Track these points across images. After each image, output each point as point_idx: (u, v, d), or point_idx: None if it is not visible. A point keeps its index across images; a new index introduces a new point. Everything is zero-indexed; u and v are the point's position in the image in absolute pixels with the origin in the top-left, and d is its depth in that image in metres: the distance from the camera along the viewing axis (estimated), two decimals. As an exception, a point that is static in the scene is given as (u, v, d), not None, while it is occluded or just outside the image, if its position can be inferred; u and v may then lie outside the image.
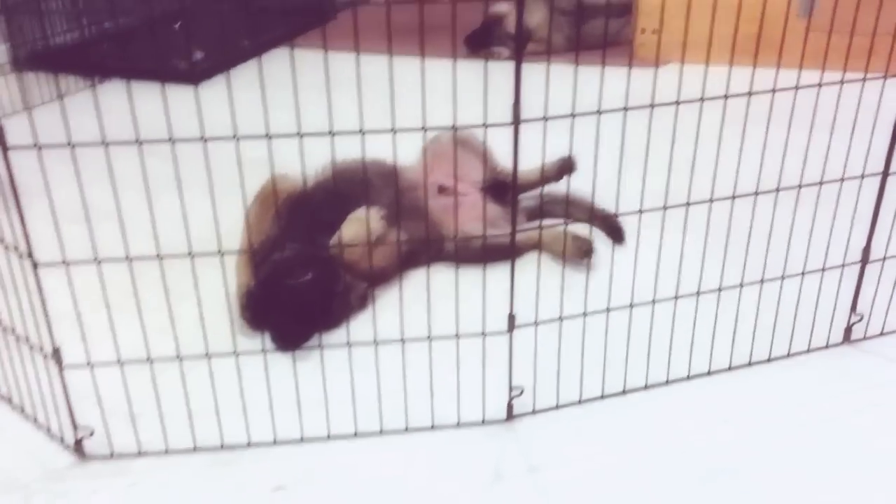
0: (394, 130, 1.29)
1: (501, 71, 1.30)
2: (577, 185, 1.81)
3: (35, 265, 1.32)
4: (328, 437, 1.51)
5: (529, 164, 1.81)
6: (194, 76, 3.21)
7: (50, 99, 3.12)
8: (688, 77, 1.42)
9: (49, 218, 1.32)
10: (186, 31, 3.51)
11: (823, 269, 1.68)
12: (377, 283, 1.90)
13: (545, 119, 1.33)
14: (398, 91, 1.30)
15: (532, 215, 2.27)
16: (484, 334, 1.47)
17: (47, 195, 1.32)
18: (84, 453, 1.48)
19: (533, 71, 1.33)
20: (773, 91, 1.44)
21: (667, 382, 1.63)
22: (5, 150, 1.24)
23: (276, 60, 3.25)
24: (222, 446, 1.49)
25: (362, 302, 1.84)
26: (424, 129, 1.31)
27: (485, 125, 1.33)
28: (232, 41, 3.56)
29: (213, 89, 1.30)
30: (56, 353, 1.40)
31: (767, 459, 1.44)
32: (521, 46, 1.34)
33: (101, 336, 1.42)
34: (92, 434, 1.47)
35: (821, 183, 1.57)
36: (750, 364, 1.68)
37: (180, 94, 1.29)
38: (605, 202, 2.15)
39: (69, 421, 1.46)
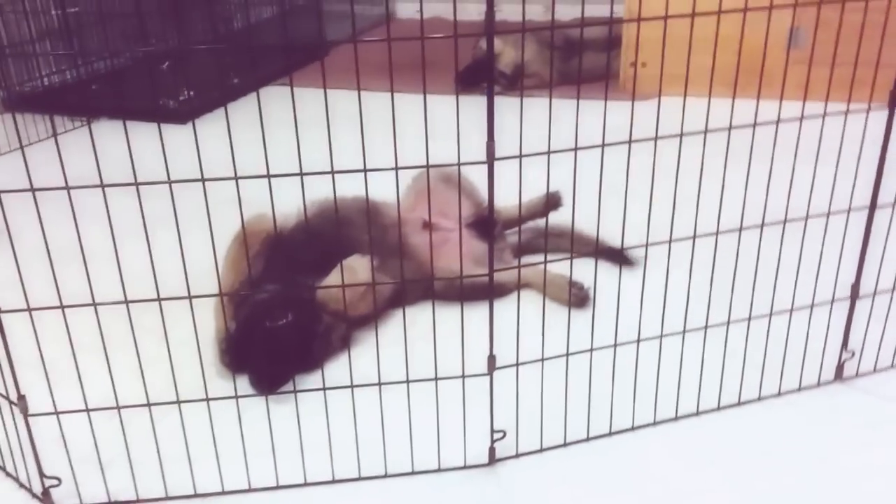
0: (365, 170, 1.27)
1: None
2: (560, 219, 1.79)
3: (-2, 311, 1.29)
4: (305, 483, 1.47)
5: (514, 199, 1.78)
6: (182, 115, 3.21)
7: (38, 139, 3.12)
8: (673, 110, 1.39)
9: (26, 258, 1.29)
10: (175, 71, 3.51)
11: (812, 306, 1.64)
12: (358, 324, 1.86)
13: (520, 157, 1.31)
14: (380, 128, 1.28)
15: (520, 251, 2.24)
16: (464, 376, 1.43)
17: (9, 239, 1.29)
18: (52, 503, 1.44)
19: (517, 106, 1.31)
20: (754, 125, 1.42)
21: (654, 423, 1.59)
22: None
23: (268, 98, 3.25)
24: (195, 494, 1.45)
25: (343, 343, 1.81)
26: (396, 168, 1.28)
27: (458, 164, 1.30)
28: (221, 80, 3.56)
29: (202, 128, 1.28)
30: (21, 401, 1.36)
31: (758, 503, 1.39)
32: (492, 86, 1.32)
33: (69, 383, 1.38)
34: (59, 483, 1.43)
35: (807, 217, 1.54)
36: (739, 403, 1.64)
37: (166, 134, 1.26)
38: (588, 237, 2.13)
39: (36, 470, 1.42)
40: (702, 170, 1.42)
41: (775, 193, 1.49)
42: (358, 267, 1.83)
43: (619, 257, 2.03)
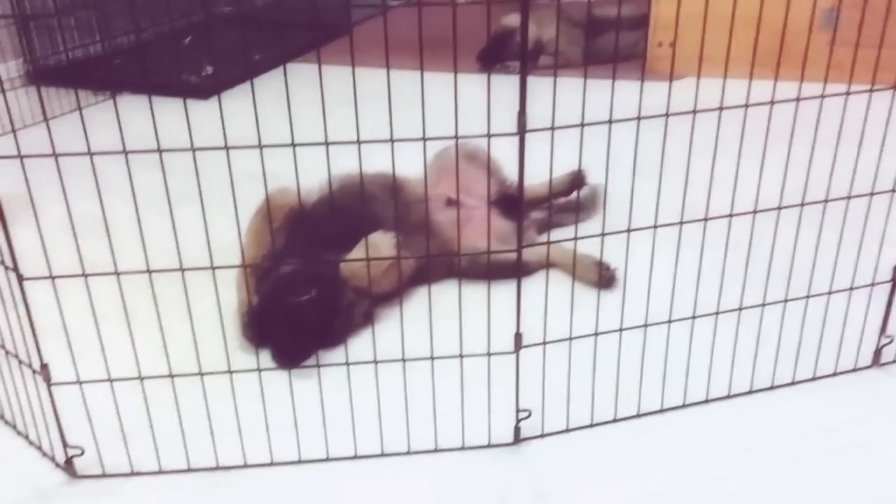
0: (392, 140, 1.23)
1: (514, 85, 1.24)
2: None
3: (21, 279, 1.27)
4: (327, 458, 1.45)
5: (539, 177, 1.74)
6: (203, 91, 3.19)
7: (60, 112, 3.11)
8: (704, 90, 1.35)
9: (51, 230, 1.28)
10: (197, 46, 3.49)
11: (851, 289, 1.59)
12: (381, 301, 1.84)
13: (552, 129, 1.27)
14: (403, 105, 1.25)
15: (543, 228, 2.21)
16: (490, 354, 1.41)
17: (32, 207, 1.28)
18: (75, 472, 1.43)
19: (544, 84, 1.27)
20: (798, 100, 1.37)
21: (683, 406, 1.55)
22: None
23: (290, 76, 3.23)
24: (217, 467, 1.43)
25: (366, 319, 1.78)
26: (424, 139, 1.25)
27: (488, 135, 1.27)
28: (243, 56, 3.54)
29: (224, 103, 1.26)
30: (44, 370, 1.35)
31: (790, 490, 1.35)
32: (525, 56, 1.28)
33: (92, 353, 1.37)
34: (83, 453, 1.42)
35: (849, 197, 1.49)
36: (772, 387, 1.60)
37: (189, 109, 1.24)
38: (617, 217, 2.09)
39: (59, 439, 1.41)
40: (741, 148, 1.38)
41: (815, 173, 1.45)
42: (381, 243, 1.81)
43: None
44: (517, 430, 1.47)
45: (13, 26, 3.50)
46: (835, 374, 1.63)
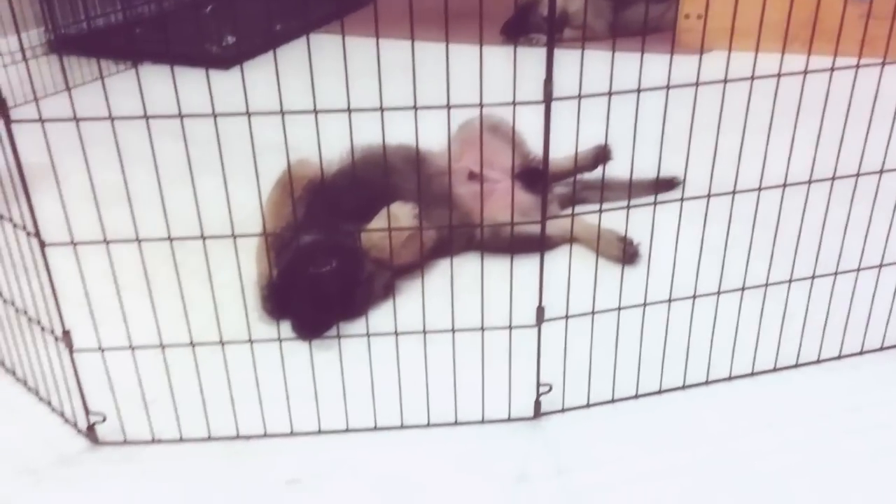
0: (415, 108, 1.21)
1: (538, 58, 1.21)
2: (610, 170, 1.71)
3: (42, 244, 1.28)
4: (347, 429, 1.45)
5: (563, 151, 1.72)
6: (225, 60, 3.17)
7: (82, 82, 3.11)
8: (734, 63, 1.31)
9: (72, 199, 1.27)
10: (218, 16, 3.47)
11: (881, 266, 1.56)
12: (401, 273, 1.83)
13: (579, 97, 1.24)
14: (427, 76, 1.23)
15: (566, 203, 2.18)
16: (511, 327, 1.39)
17: (54, 175, 1.28)
18: (97, 439, 1.44)
19: (569, 57, 1.24)
20: (832, 70, 1.33)
21: (706, 382, 1.54)
22: (8, 123, 1.19)
23: (312, 46, 3.20)
24: (237, 436, 1.44)
25: (386, 291, 1.78)
26: (448, 106, 1.23)
27: (513, 103, 1.24)
28: (265, 26, 3.51)
29: (246, 74, 1.24)
30: (67, 336, 1.35)
31: (813, 468, 1.34)
32: (553, 25, 1.25)
33: (114, 320, 1.38)
34: (104, 420, 1.43)
35: (881, 172, 1.45)
36: (797, 365, 1.57)
37: (210, 79, 1.23)
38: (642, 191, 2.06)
39: (81, 406, 1.42)
40: (771, 120, 1.34)
41: (847, 148, 1.41)
42: (400, 214, 1.79)
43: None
44: (538, 404, 1.46)
45: (35, -5, 3.50)
46: (861, 353, 1.60)
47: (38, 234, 1.27)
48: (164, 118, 1.21)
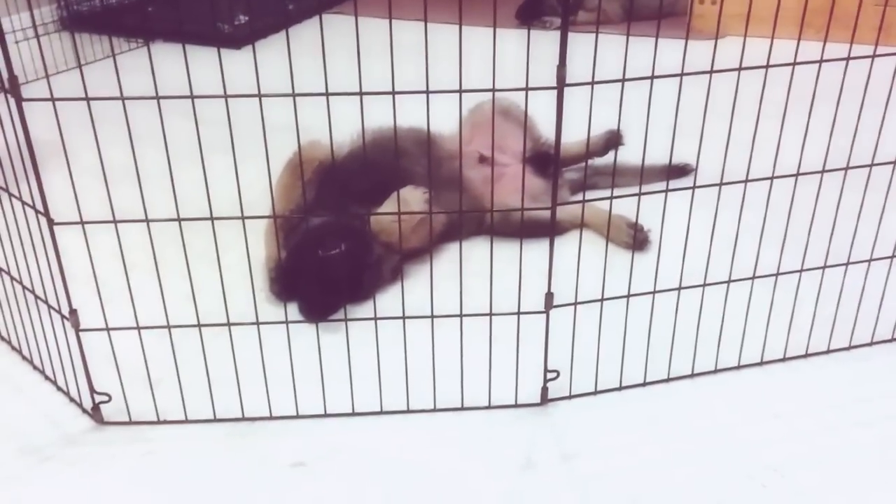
0: (427, 92, 1.20)
1: (551, 41, 1.19)
2: (622, 156, 1.70)
3: (51, 223, 1.27)
4: (352, 413, 1.45)
5: (574, 136, 1.70)
6: (236, 40, 3.16)
7: (94, 59, 3.10)
8: (749, 49, 1.29)
9: (82, 177, 1.27)
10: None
11: (893, 257, 1.54)
12: (410, 256, 1.82)
13: (592, 84, 1.22)
14: (439, 58, 1.21)
15: (576, 188, 2.17)
16: (519, 313, 1.38)
17: (64, 153, 1.27)
18: (102, 419, 1.44)
19: (582, 41, 1.22)
20: (848, 59, 1.31)
21: (715, 371, 1.53)
22: (19, 102, 1.19)
23: (325, 26, 3.18)
24: (243, 417, 1.44)
25: (394, 274, 1.77)
26: (461, 91, 1.21)
27: (526, 88, 1.23)
28: (277, 5, 3.49)
29: (258, 53, 1.22)
30: (73, 315, 1.35)
31: (821, 459, 1.33)
32: (567, 10, 1.23)
33: (120, 300, 1.37)
34: (110, 399, 1.43)
35: (895, 162, 1.43)
36: (806, 355, 1.56)
37: (222, 58, 1.22)
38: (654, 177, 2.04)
39: (87, 385, 1.42)
40: (786, 108, 1.32)
41: (861, 137, 1.39)
42: (411, 199, 1.78)
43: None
44: (545, 390, 1.46)
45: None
46: (871, 344, 1.59)
47: (46, 213, 1.27)
48: (175, 99, 1.20)
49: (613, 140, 2.10)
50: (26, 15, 3.07)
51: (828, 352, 1.57)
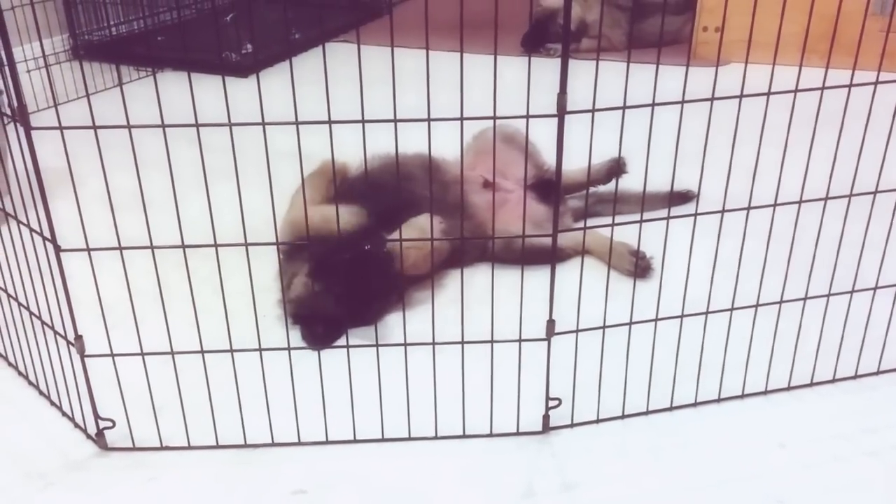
0: (429, 119, 1.21)
1: (553, 69, 1.21)
2: (623, 184, 1.70)
3: (58, 250, 1.28)
4: (354, 440, 1.44)
5: (577, 163, 1.71)
6: (242, 68, 3.20)
7: (104, 88, 3.15)
8: (751, 76, 1.30)
9: (88, 204, 1.28)
10: (238, 24, 3.50)
11: (898, 284, 1.54)
12: (412, 283, 1.82)
13: (593, 111, 1.23)
14: (442, 86, 1.22)
15: (579, 215, 2.17)
16: (521, 340, 1.38)
17: (71, 180, 1.29)
18: (105, 444, 1.45)
19: (584, 68, 1.24)
20: (850, 86, 1.32)
21: (718, 400, 1.52)
22: (28, 131, 1.20)
23: (329, 55, 3.22)
24: (245, 444, 1.44)
25: (397, 301, 1.77)
26: (462, 118, 1.22)
27: (527, 116, 1.24)
28: (283, 34, 3.53)
29: (262, 81, 1.24)
30: (79, 341, 1.36)
31: (827, 490, 1.32)
32: (568, 36, 1.25)
33: (125, 327, 1.38)
34: (114, 425, 1.44)
35: (900, 189, 1.43)
36: (812, 384, 1.55)
37: (227, 86, 1.23)
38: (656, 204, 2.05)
39: (91, 411, 1.43)
40: (788, 135, 1.33)
41: (865, 164, 1.39)
42: (426, 227, 1.78)
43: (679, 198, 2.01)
44: (546, 418, 1.45)
45: (59, 2, 3.54)
46: (878, 373, 1.58)
47: (53, 240, 1.28)
48: (181, 127, 1.22)
49: (615, 168, 2.11)
50: (38, 45, 3.12)
51: (833, 381, 1.56)
